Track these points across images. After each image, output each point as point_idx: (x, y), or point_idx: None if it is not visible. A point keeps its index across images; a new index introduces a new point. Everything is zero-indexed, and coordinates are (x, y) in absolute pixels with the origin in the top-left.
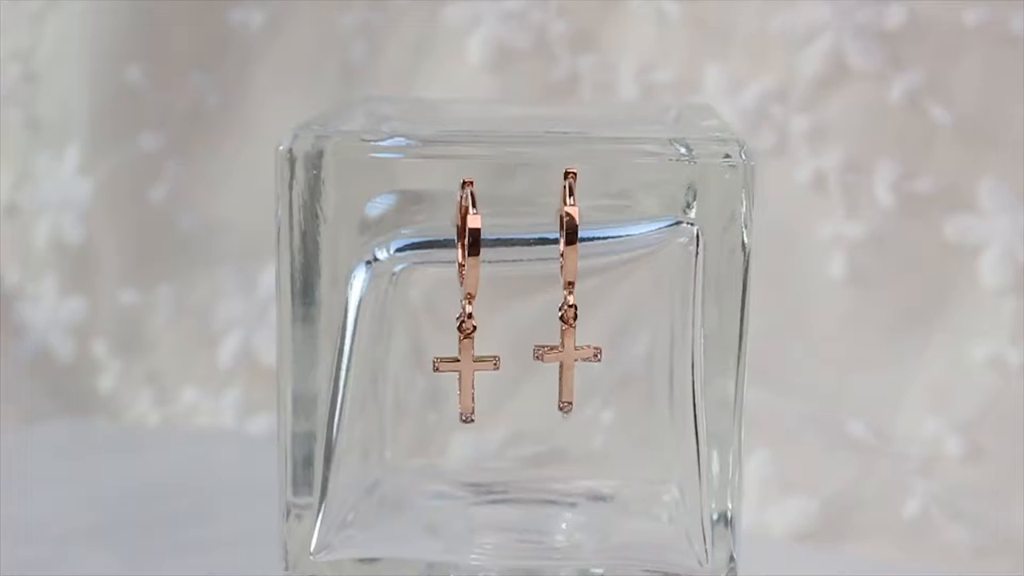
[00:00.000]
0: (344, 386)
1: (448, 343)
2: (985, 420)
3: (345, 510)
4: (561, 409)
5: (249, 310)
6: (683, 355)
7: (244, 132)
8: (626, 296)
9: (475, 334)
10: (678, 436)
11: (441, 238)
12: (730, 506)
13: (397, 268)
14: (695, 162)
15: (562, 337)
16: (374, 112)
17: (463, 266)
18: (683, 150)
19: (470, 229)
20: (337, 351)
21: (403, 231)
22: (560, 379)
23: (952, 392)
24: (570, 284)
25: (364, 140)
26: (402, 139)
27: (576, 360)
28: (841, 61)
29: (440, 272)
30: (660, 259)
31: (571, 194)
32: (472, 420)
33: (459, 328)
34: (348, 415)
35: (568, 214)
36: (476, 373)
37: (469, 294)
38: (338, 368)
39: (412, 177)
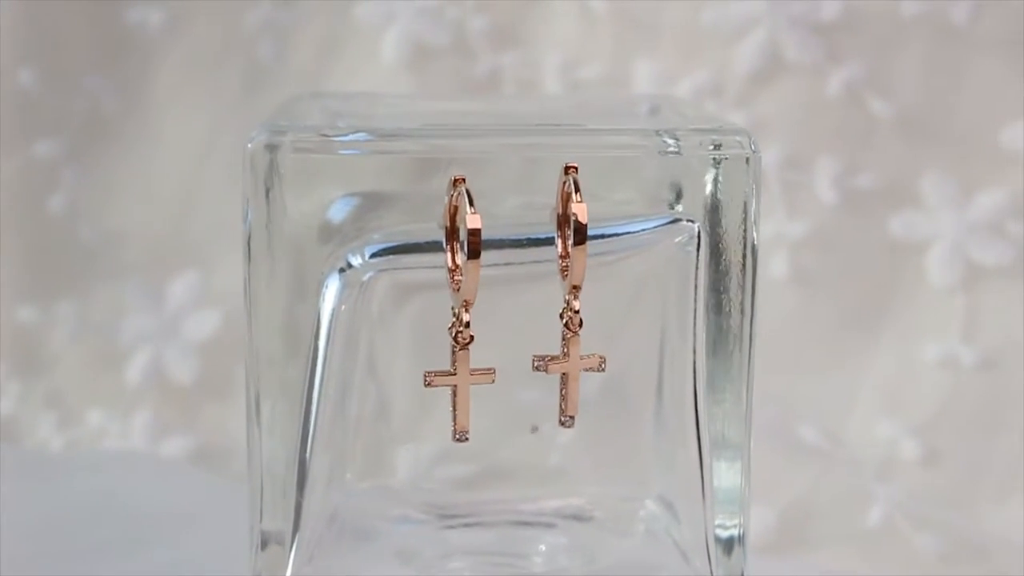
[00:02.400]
0: (317, 404)
1: (418, 354)
2: (941, 421)
3: (315, 539)
4: (563, 424)
5: (158, 325)
6: (678, 361)
7: (146, 137)
8: (608, 300)
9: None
10: (667, 447)
11: (421, 241)
12: (740, 521)
13: (366, 276)
14: (718, 156)
15: (566, 346)
16: (329, 109)
17: (455, 270)
18: (671, 142)
19: (470, 230)
20: (309, 366)
21: (374, 236)
22: (564, 391)
23: (905, 394)
24: (575, 288)
25: (324, 136)
26: (364, 134)
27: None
28: (777, 54)
29: (416, 277)
30: (650, 259)
31: (577, 190)
32: (467, 439)
33: (454, 339)
34: (321, 435)
35: (575, 212)
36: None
37: (466, 301)
38: (310, 384)
39: (373, 177)
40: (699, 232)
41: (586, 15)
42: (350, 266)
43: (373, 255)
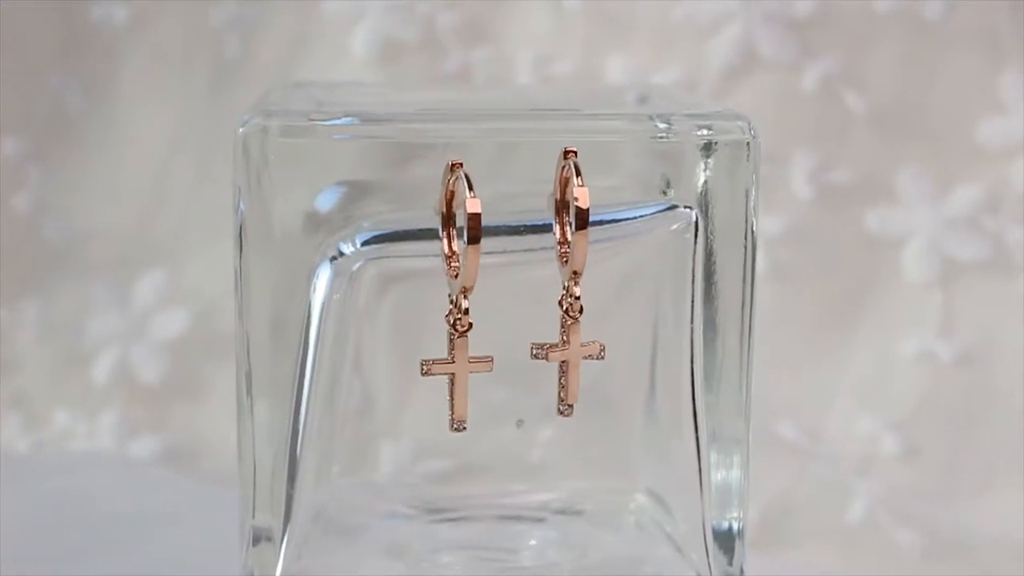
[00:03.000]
0: (308, 396)
1: (410, 343)
2: (919, 417)
3: (303, 535)
4: (562, 413)
5: (124, 324)
6: (672, 352)
7: (111, 135)
8: (601, 288)
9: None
10: (658, 440)
11: (414, 228)
12: (738, 514)
13: (355, 266)
14: (718, 140)
15: (566, 333)
16: (315, 98)
17: (451, 257)
18: (663, 126)
19: (470, 214)
20: (300, 357)
21: (364, 224)
22: (565, 379)
23: (883, 389)
24: (575, 274)
25: (318, 121)
26: (358, 120)
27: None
28: (751, 50)
29: (407, 266)
30: (645, 247)
31: (578, 174)
32: (465, 428)
33: (453, 326)
34: (311, 429)
35: (577, 197)
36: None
37: (465, 287)
38: (300, 377)
39: (366, 164)
40: (696, 219)
41: (558, 10)
42: (341, 254)
43: (365, 243)
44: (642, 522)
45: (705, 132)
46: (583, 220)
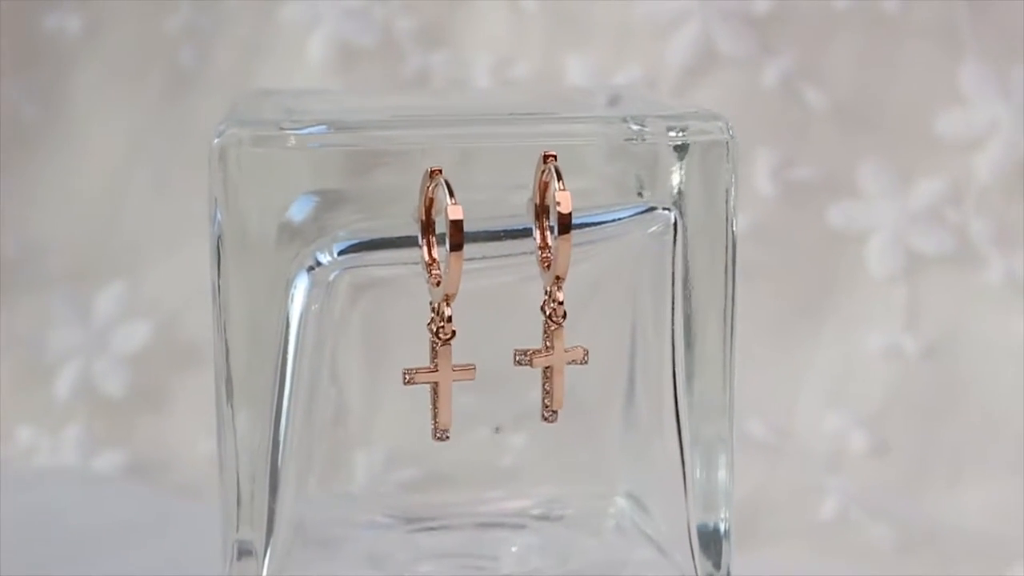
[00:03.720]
0: (288, 407)
1: (387, 352)
2: (888, 412)
3: (284, 547)
4: (546, 419)
5: (86, 338)
6: (651, 355)
7: (67, 145)
8: (577, 292)
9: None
10: (637, 443)
11: (390, 236)
12: (724, 515)
13: (332, 276)
14: (688, 142)
15: (550, 338)
16: (285, 106)
17: (432, 264)
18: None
19: (452, 221)
20: (279, 368)
21: (340, 233)
22: (549, 385)
23: (850, 385)
24: (558, 279)
25: (293, 131)
26: (335, 128)
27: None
28: (710, 47)
29: (383, 274)
30: (622, 249)
31: (559, 178)
32: (448, 437)
33: (436, 334)
34: (291, 441)
35: (560, 201)
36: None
37: (448, 295)
38: (280, 387)
39: (340, 173)
40: (675, 221)
41: (515, 12)
42: (319, 264)
43: (342, 252)
44: (623, 525)
45: (682, 133)
46: (566, 224)
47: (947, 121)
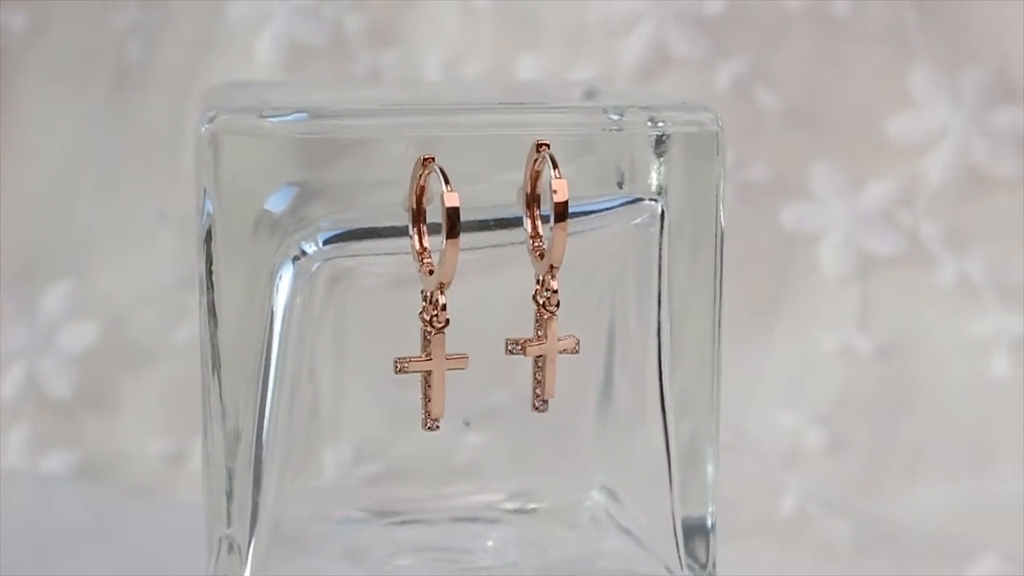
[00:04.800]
0: (272, 402)
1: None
2: (842, 410)
3: (265, 543)
4: (537, 408)
5: (31, 338)
6: (632, 348)
7: (12, 143)
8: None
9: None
10: (613, 437)
11: (377, 226)
12: (710, 509)
13: (315, 266)
14: (676, 132)
15: (543, 327)
16: (264, 97)
17: (423, 253)
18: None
19: (449, 208)
20: (263, 361)
21: (322, 224)
22: (542, 374)
23: (804, 384)
24: (552, 268)
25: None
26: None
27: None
28: (663, 49)
29: (367, 264)
30: (602, 241)
31: (555, 167)
32: (439, 427)
33: (429, 323)
34: (275, 436)
35: (556, 189)
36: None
37: (442, 283)
38: (264, 382)
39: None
40: (662, 212)
41: (467, 11)
42: (304, 254)
43: (327, 241)
44: (599, 518)
45: (671, 123)
46: (563, 213)
47: (898, 124)
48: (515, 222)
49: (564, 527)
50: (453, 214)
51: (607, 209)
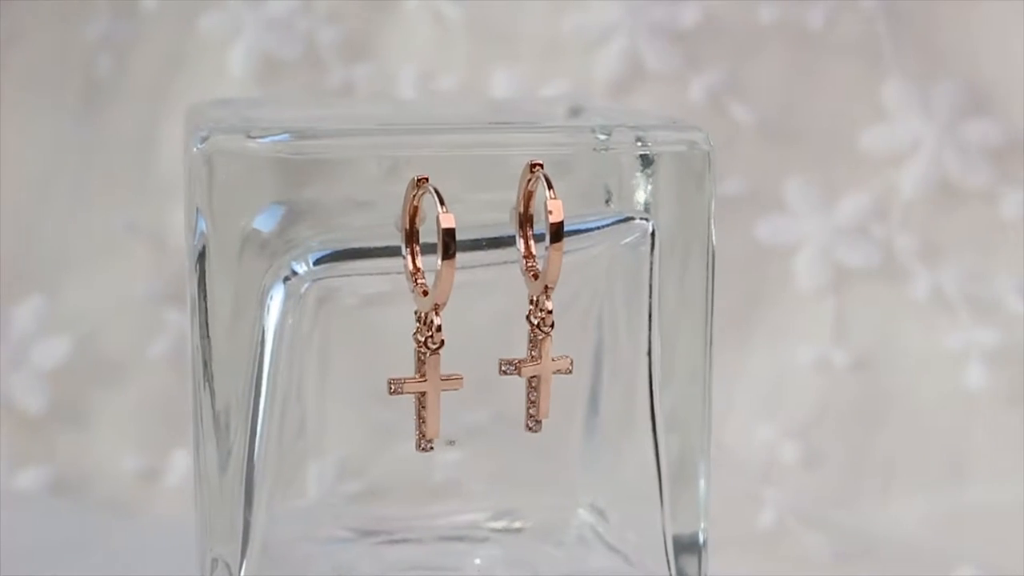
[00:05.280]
0: (263, 422)
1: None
2: (819, 423)
3: (255, 563)
4: (530, 429)
5: (3, 353)
6: (621, 367)
7: None
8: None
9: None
10: (599, 455)
11: (368, 247)
12: (702, 525)
13: (304, 287)
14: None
15: (537, 347)
16: (250, 117)
17: (416, 273)
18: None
19: (445, 229)
20: (254, 381)
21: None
22: (535, 395)
23: (781, 397)
24: (546, 288)
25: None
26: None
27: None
28: (637, 62)
29: (362, 285)
30: (590, 259)
31: (550, 187)
32: (433, 448)
33: (424, 343)
34: (265, 455)
35: (551, 210)
36: None
37: (437, 304)
38: (255, 402)
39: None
40: (653, 230)
41: (440, 25)
42: (295, 274)
43: (317, 262)
44: (586, 537)
45: (663, 143)
46: (558, 233)
47: (871, 137)
48: (507, 241)
49: (552, 545)
50: (449, 235)
51: (598, 228)
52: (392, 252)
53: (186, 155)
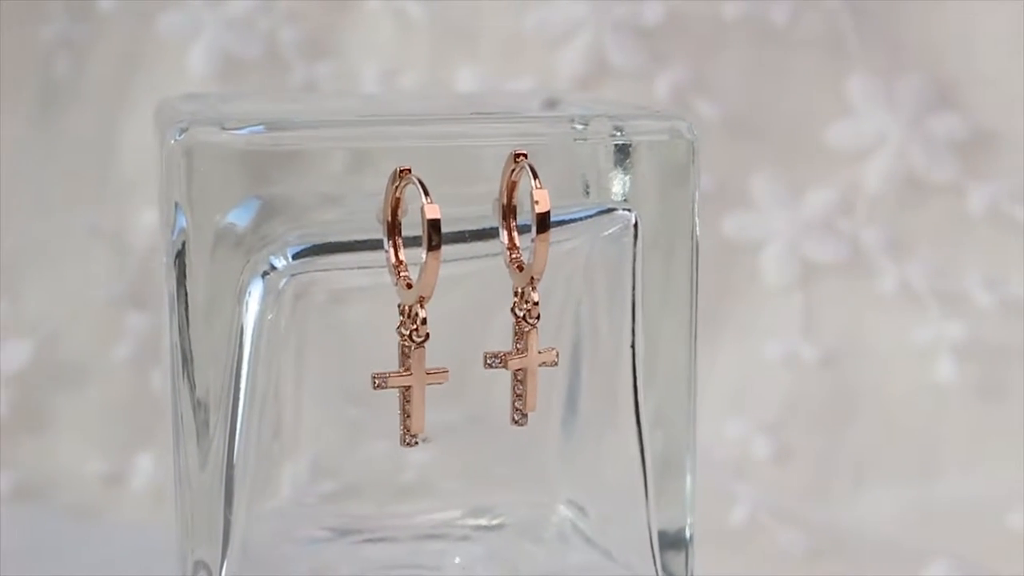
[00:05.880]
0: (243, 421)
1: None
2: (789, 419)
3: (238, 564)
4: (516, 422)
5: None
6: (605, 359)
7: None
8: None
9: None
10: (577, 451)
11: (347, 240)
12: (689, 521)
13: (282, 282)
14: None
15: (524, 339)
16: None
17: (399, 266)
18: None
19: (430, 220)
20: (233, 380)
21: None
22: (523, 388)
23: (750, 393)
24: (532, 280)
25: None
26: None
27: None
28: (601, 58)
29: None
30: (569, 251)
31: (535, 176)
32: (417, 443)
33: (409, 336)
34: (245, 455)
35: (537, 200)
36: None
37: (422, 297)
38: (234, 401)
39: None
40: (636, 222)
41: (402, 22)
42: (273, 268)
43: (296, 255)
44: (566, 533)
45: (645, 133)
46: (544, 223)
47: (836, 132)
48: (491, 233)
49: (532, 542)
50: (434, 226)
51: (581, 219)
52: (372, 245)
53: (163, 149)
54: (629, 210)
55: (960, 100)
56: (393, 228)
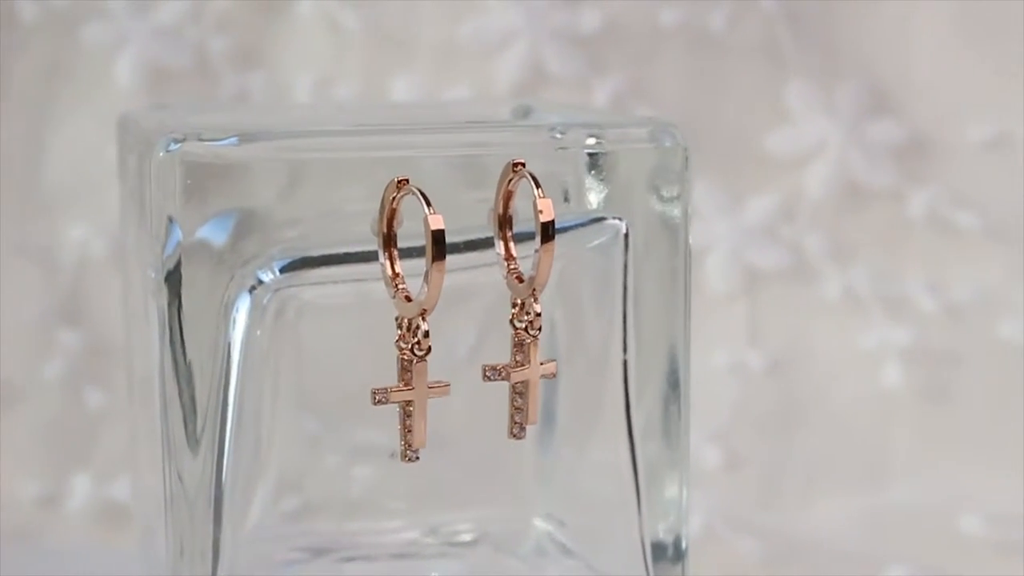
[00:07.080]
0: (231, 439)
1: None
2: (737, 427)
3: None
4: (515, 436)
5: None
6: (590, 370)
7: None
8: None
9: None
10: (554, 464)
11: (335, 253)
12: (683, 532)
13: (266, 298)
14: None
15: (525, 351)
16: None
17: (396, 278)
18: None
19: (434, 231)
20: (221, 397)
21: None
22: (523, 401)
23: (698, 401)
24: (534, 291)
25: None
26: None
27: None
28: (539, 67)
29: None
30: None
31: (538, 185)
32: (418, 458)
33: (411, 350)
34: (233, 473)
35: (541, 209)
36: None
37: (424, 309)
38: (223, 413)
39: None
40: (627, 231)
41: (335, 32)
42: (260, 283)
43: (283, 269)
44: (544, 547)
45: (646, 141)
46: (548, 233)
47: (776, 139)
48: (485, 243)
49: (510, 556)
50: (439, 237)
51: (572, 228)
52: (361, 258)
53: (151, 160)
54: (619, 219)
55: (897, 105)
56: (389, 240)
